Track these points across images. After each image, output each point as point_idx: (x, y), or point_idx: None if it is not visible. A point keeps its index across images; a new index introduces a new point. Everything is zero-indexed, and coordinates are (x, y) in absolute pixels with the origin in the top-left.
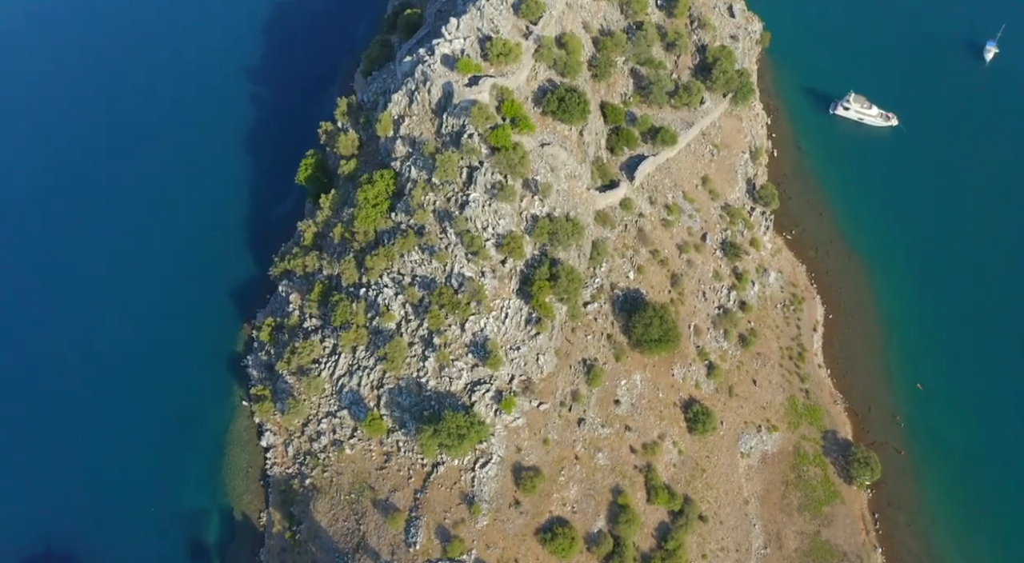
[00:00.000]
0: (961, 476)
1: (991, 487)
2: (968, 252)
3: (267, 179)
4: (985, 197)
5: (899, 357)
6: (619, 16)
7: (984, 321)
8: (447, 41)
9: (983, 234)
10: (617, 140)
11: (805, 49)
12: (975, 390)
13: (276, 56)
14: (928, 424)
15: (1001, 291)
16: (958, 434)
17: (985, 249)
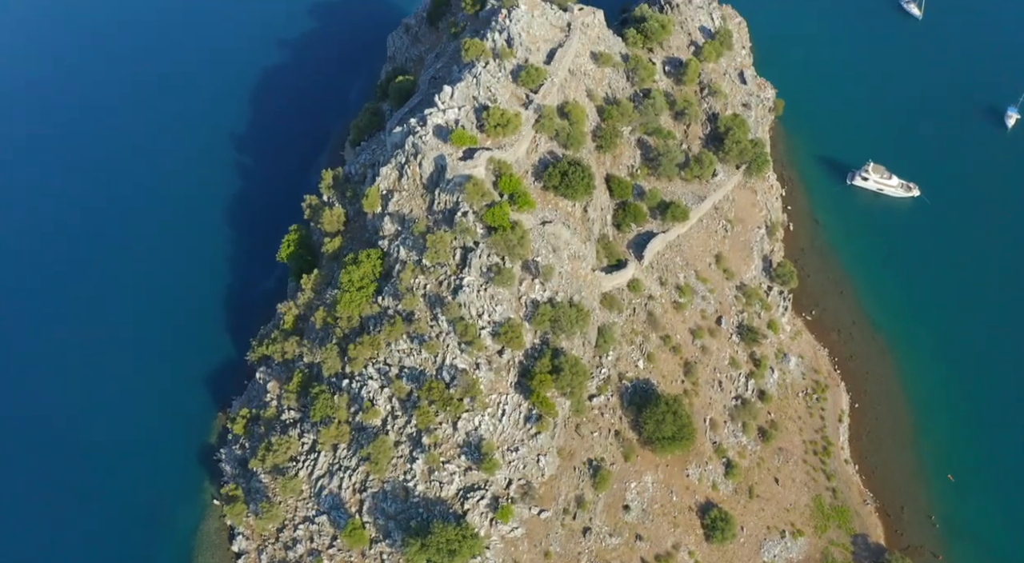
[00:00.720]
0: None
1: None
2: (1000, 330)
3: (250, 253)
4: (1015, 270)
5: (932, 449)
6: (625, 83)
7: (1022, 405)
8: (440, 111)
9: (1015, 310)
10: (624, 216)
11: (820, 116)
12: (1016, 483)
13: (264, 120)
14: (965, 523)
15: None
16: (998, 533)
17: (1018, 326)
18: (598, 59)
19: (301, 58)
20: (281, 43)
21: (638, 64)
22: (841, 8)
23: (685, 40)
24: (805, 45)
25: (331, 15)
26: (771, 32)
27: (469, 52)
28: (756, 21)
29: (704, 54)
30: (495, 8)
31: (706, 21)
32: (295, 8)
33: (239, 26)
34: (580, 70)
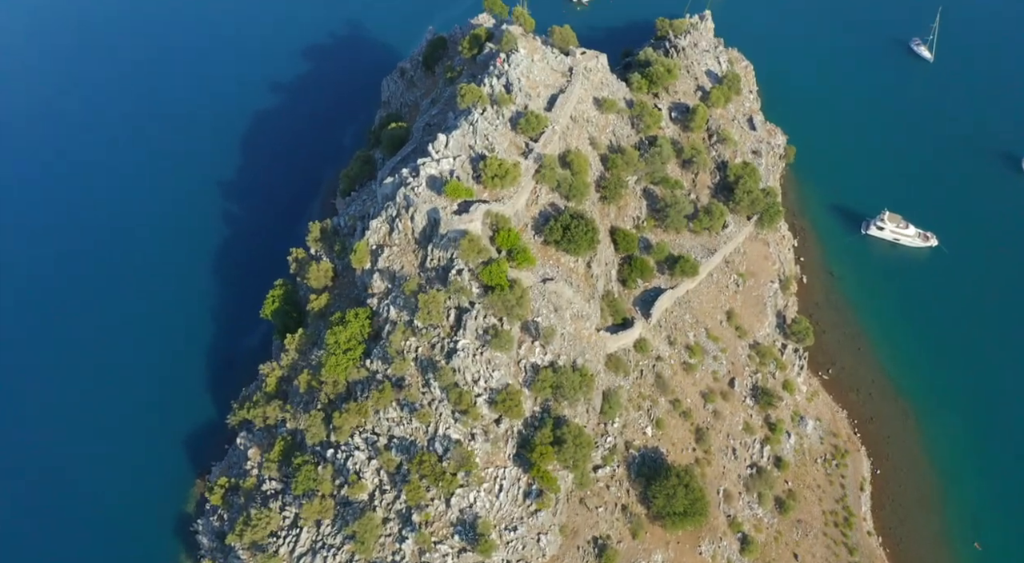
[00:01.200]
0: None
1: None
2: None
3: (234, 306)
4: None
5: (958, 517)
6: (630, 131)
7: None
8: (434, 161)
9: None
10: (630, 271)
11: (832, 163)
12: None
13: (254, 166)
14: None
15: None
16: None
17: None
18: (601, 105)
19: (294, 102)
20: (274, 86)
21: (643, 110)
22: (849, 51)
23: (692, 85)
24: (814, 89)
25: (326, 58)
26: (778, 76)
27: (465, 98)
28: (763, 65)
29: (712, 99)
30: (493, 52)
31: (713, 65)
32: (290, 51)
33: (231, 68)
34: (583, 117)
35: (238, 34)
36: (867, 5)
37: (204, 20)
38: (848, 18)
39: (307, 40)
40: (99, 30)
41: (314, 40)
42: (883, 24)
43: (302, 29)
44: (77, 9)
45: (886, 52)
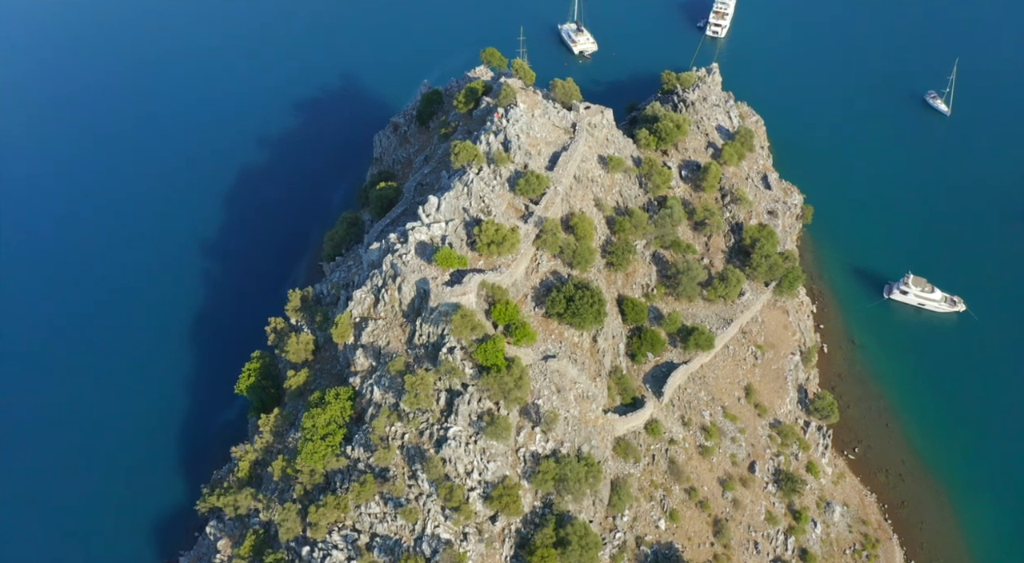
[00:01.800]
0: None
1: None
2: None
3: (211, 378)
4: None
5: None
6: (638, 191)
7: None
8: (424, 225)
9: None
10: (640, 345)
11: (851, 223)
12: None
13: (237, 226)
14: None
15: None
16: None
17: None
18: (607, 164)
19: (283, 157)
20: (262, 141)
21: (652, 169)
22: (863, 104)
23: (702, 141)
24: (828, 144)
25: (318, 111)
26: (790, 131)
27: (460, 156)
28: (773, 119)
29: (724, 157)
30: (490, 107)
31: (723, 120)
32: (280, 104)
33: (219, 121)
34: (587, 176)
35: (227, 87)
36: (878, 57)
37: (194, 72)
38: (859, 71)
39: (299, 93)
40: (87, 81)
41: (306, 93)
42: (896, 77)
43: (294, 82)
44: (66, 63)
45: (901, 106)
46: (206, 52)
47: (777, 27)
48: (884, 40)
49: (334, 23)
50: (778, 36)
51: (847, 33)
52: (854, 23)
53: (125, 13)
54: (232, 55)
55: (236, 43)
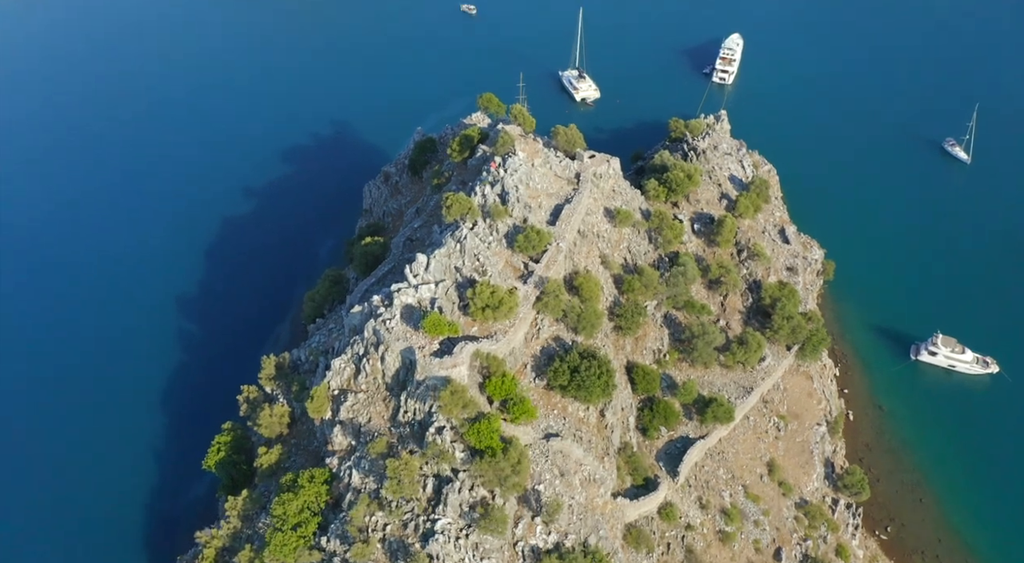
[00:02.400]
0: None
1: None
2: None
3: (181, 451)
4: None
5: None
6: (647, 246)
7: None
8: (412, 287)
9: None
10: (651, 417)
11: (873, 279)
12: None
13: (218, 281)
14: None
15: None
16: None
17: None
18: (614, 217)
19: (268, 208)
20: (247, 192)
21: (662, 222)
22: (878, 153)
23: (715, 192)
24: (844, 195)
25: (308, 160)
26: (804, 181)
27: (452, 210)
28: (786, 169)
29: (739, 209)
30: (487, 156)
31: (736, 169)
32: (268, 152)
33: (202, 172)
34: (592, 231)
35: (213, 135)
36: (893, 104)
37: (180, 120)
38: (873, 118)
39: (288, 141)
40: (71, 124)
41: (296, 141)
42: (912, 124)
43: (283, 130)
44: (49, 111)
45: (918, 154)
46: (193, 99)
47: (786, 73)
48: (898, 86)
49: (328, 70)
50: (787, 82)
51: (860, 79)
52: (867, 68)
53: (114, 59)
54: (219, 102)
55: (223, 90)
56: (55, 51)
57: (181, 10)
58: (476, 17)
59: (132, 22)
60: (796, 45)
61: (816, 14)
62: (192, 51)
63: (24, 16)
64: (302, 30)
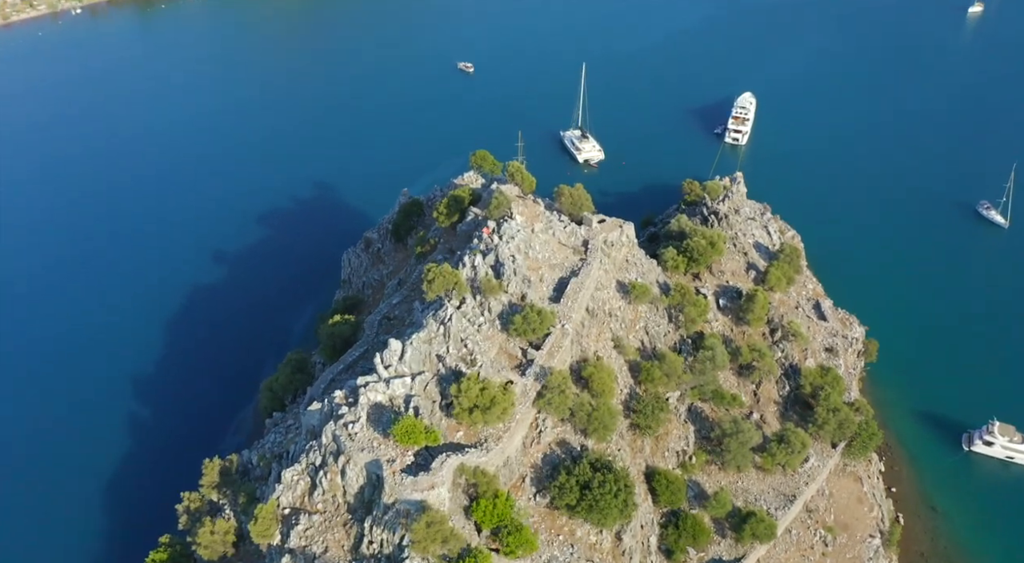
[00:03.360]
0: None
1: None
2: None
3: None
4: None
5: None
6: (667, 327)
7: None
8: (382, 381)
9: None
10: (677, 537)
11: (920, 359)
12: None
13: (177, 362)
14: None
15: None
16: None
17: None
18: (629, 292)
19: (240, 279)
20: (217, 257)
21: (684, 298)
22: (909, 218)
23: (740, 262)
24: (877, 264)
25: (285, 226)
26: (832, 249)
27: (434, 285)
28: (811, 235)
29: (770, 281)
30: (479, 220)
31: (761, 236)
32: (244, 216)
33: (168, 239)
34: (603, 309)
35: (183, 198)
36: (921, 165)
37: (147, 182)
38: (901, 180)
39: (268, 205)
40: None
41: (276, 205)
42: (942, 187)
43: (264, 193)
44: None
45: (952, 218)
46: (170, 159)
47: (804, 133)
48: (925, 146)
49: (316, 130)
50: (806, 143)
51: (883, 139)
52: (890, 128)
53: (85, 119)
54: (195, 164)
55: (202, 151)
56: (16, 121)
57: (166, 64)
58: (473, 75)
59: (105, 82)
60: (813, 104)
61: (833, 72)
62: (173, 108)
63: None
64: (291, 89)
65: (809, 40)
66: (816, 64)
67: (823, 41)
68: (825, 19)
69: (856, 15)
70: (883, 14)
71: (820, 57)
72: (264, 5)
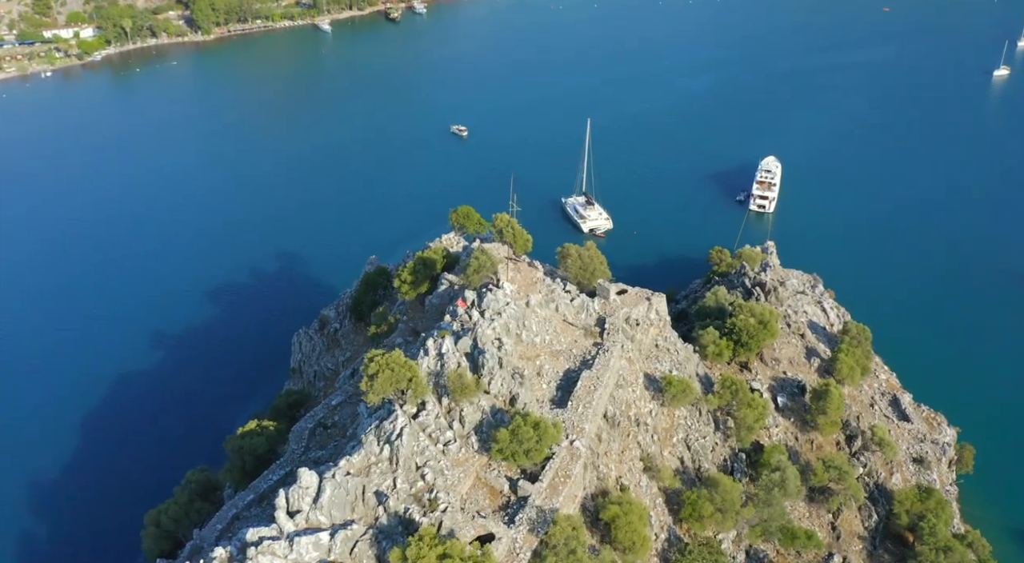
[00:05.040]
0: None
1: None
2: None
3: None
4: None
5: None
6: (714, 437)
7: None
8: (284, 537)
9: None
10: None
11: (1011, 464)
12: None
13: (85, 471)
14: None
15: None
16: None
17: None
18: (663, 390)
19: (174, 368)
20: (157, 338)
21: (736, 397)
22: (972, 294)
23: (798, 347)
24: (951, 348)
25: (240, 302)
26: (894, 331)
27: (378, 383)
28: (865, 315)
29: (841, 371)
30: (454, 290)
31: (815, 314)
32: (188, 296)
33: (104, 320)
34: (628, 415)
35: (124, 274)
36: (974, 235)
37: (91, 251)
38: (953, 250)
39: (224, 277)
40: None
41: (233, 278)
42: (1001, 258)
43: (220, 264)
44: None
45: (1017, 291)
46: (113, 229)
47: (837, 200)
48: (981, 211)
49: (295, 196)
50: (841, 210)
51: (929, 207)
52: (937, 192)
53: (31, 186)
54: (139, 236)
55: (144, 220)
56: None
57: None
58: (467, 139)
59: (60, 146)
60: (842, 169)
61: (859, 136)
62: (133, 174)
63: None
64: (270, 154)
65: (832, 102)
66: (841, 127)
67: (846, 104)
68: (848, 82)
69: (878, 78)
70: (907, 77)
71: (844, 120)
72: (246, 69)
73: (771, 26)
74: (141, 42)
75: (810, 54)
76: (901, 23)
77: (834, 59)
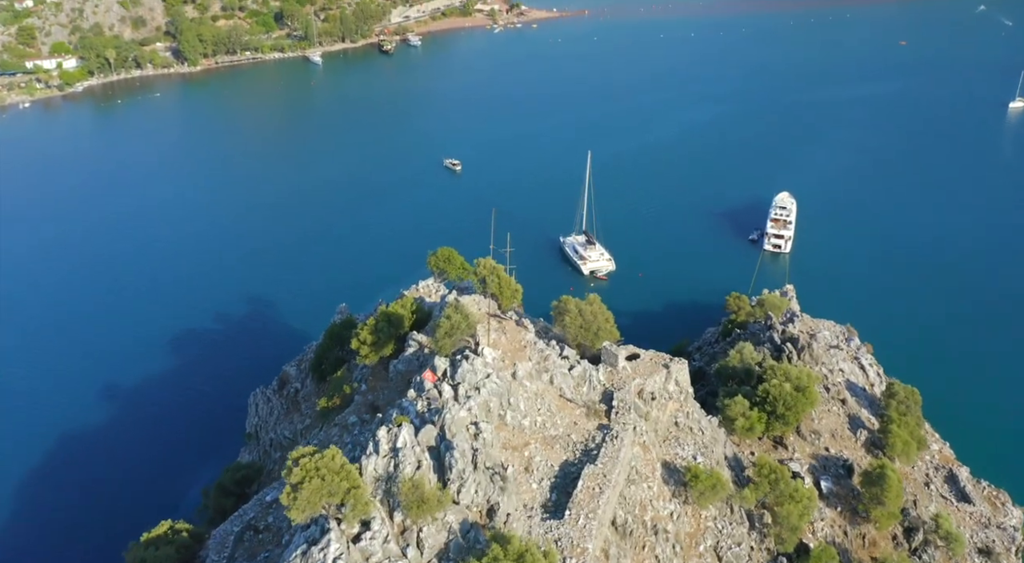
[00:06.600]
0: None
1: None
2: None
3: None
4: None
5: None
6: (749, 540)
7: None
8: None
9: None
10: None
11: None
12: None
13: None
14: None
15: None
16: None
17: None
18: (688, 485)
19: (121, 431)
20: (106, 394)
21: (775, 487)
22: (1011, 342)
23: (840, 417)
24: (996, 407)
25: (201, 356)
26: (942, 392)
27: (303, 495)
28: (905, 373)
29: (894, 447)
30: (423, 354)
31: (853, 372)
32: (140, 347)
33: (54, 374)
34: (642, 520)
35: (74, 327)
36: (991, 264)
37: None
38: (974, 284)
39: (175, 329)
40: None
41: (189, 327)
42: None
43: (184, 312)
44: None
45: None
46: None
47: (858, 239)
48: (1013, 247)
49: (275, 238)
50: (862, 248)
51: (954, 240)
52: (961, 228)
53: None
54: (97, 279)
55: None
56: None
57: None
58: (460, 174)
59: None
60: (860, 205)
61: (875, 171)
62: (101, 210)
63: None
64: (249, 190)
65: (846, 136)
66: (856, 162)
67: (862, 137)
68: (863, 115)
69: (894, 111)
70: (923, 110)
71: (859, 154)
72: (230, 100)
73: (784, 60)
74: (125, 73)
75: (823, 87)
76: (916, 56)
77: (850, 93)
